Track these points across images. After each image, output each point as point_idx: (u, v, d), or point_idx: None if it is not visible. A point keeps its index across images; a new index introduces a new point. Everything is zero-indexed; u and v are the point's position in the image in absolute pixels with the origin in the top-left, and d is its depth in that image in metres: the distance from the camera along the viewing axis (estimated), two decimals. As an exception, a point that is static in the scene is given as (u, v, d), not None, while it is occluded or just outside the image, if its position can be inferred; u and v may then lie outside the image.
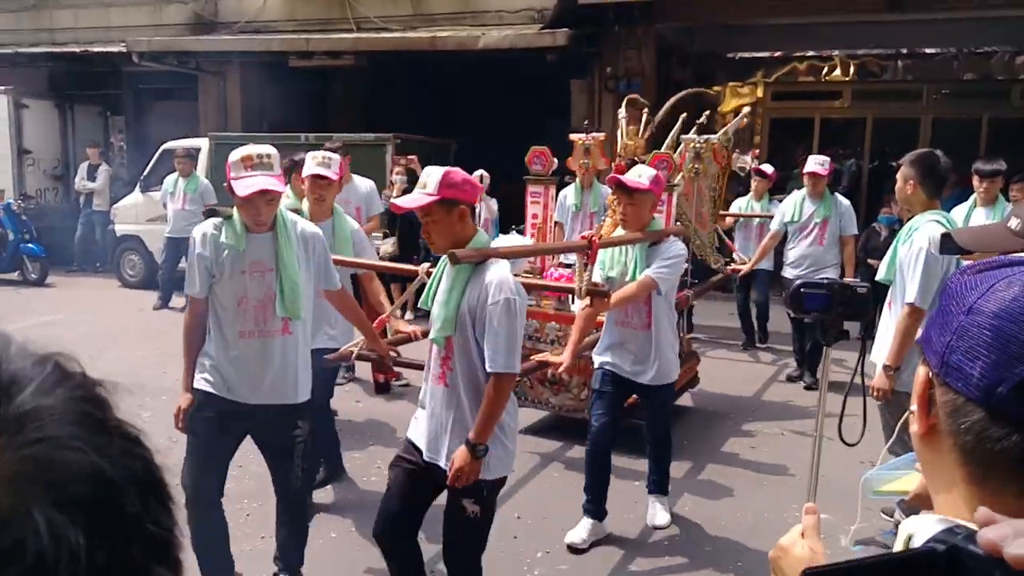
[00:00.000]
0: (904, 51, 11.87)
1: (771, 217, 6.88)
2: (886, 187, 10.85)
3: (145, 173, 10.34)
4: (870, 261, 7.71)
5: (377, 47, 10.54)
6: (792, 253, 6.44)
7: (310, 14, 11.48)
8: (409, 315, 7.58)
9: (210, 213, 3.02)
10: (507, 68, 10.36)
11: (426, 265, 3.52)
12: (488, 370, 2.53)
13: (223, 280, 2.94)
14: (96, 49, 11.87)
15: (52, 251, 10.87)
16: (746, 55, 12.09)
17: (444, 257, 2.66)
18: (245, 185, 2.79)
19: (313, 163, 4.12)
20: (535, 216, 5.69)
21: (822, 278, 2.33)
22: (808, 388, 6.42)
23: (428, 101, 10.68)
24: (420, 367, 3.96)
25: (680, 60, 10.55)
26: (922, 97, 11.98)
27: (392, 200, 2.89)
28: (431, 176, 2.55)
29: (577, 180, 6.44)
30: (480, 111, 11.10)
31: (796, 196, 6.51)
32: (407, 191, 7.30)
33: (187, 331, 3.08)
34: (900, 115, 12.15)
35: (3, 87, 11.68)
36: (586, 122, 5.80)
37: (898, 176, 3.76)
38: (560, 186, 6.25)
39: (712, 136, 5.49)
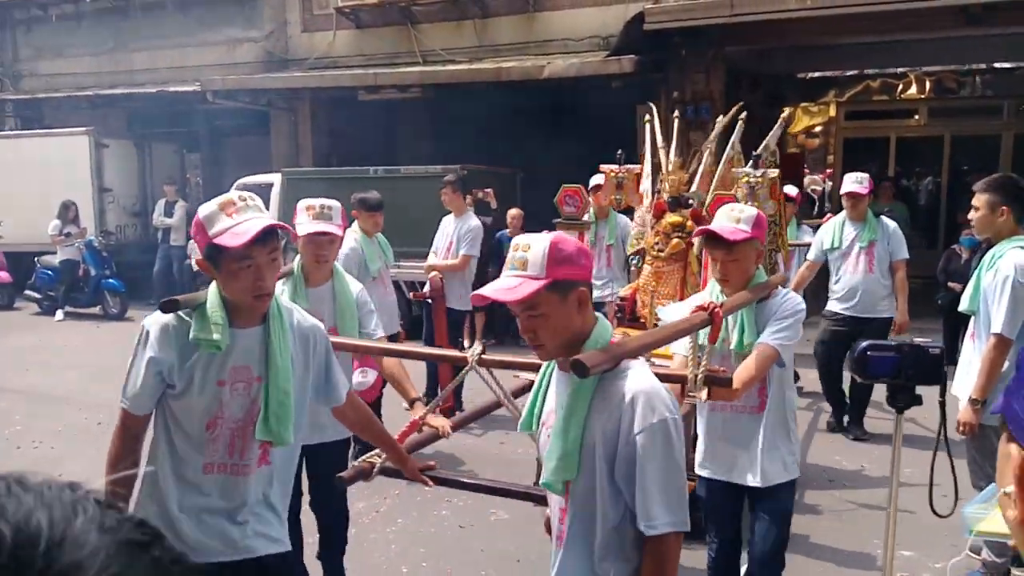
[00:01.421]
0: (982, 66, 11.47)
1: (801, 246, 6.14)
2: (962, 206, 10.48)
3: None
4: (951, 284, 7.41)
5: (443, 79, 10.65)
6: (839, 285, 5.63)
7: (377, 48, 11.69)
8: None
9: (171, 305, 2.12)
10: (574, 95, 10.33)
11: (476, 350, 2.73)
12: (645, 531, 1.71)
13: (188, 394, 2.07)
14: (172, 89, 12.28)
15: (131, 285, 11.22)
16: (817, 75, 11.83)
17: (549, 361, 1.91)
18: (238, 232, 1.96)
19: (308, 216, 3.26)
20: None
21: (891, 340, 2.02)
22: (857, 439, 5.73)
23: (494, 131, 10.73)
24: (466, 486, 3.39)
25: (750, 82, 10.35)
26: (1003, 113, 11.55)
27: (477, 292, 1.89)
28: (532, 250, 1.74)
29: (591, 210, 6.01)
30: (545, 139, 11.09)
31: (835, 220, 5.76)
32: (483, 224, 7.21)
33: (114, 458, 2.14)
34: (980, 132, 11.75)
35: (84, 128, 12.18)
36: (619, 152, 5.22)
37: (979, 204, 3.54)
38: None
39: (771, 171, 4.73)
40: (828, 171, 12.05)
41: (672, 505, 1.70)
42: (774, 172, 4.74)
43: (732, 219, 2.86)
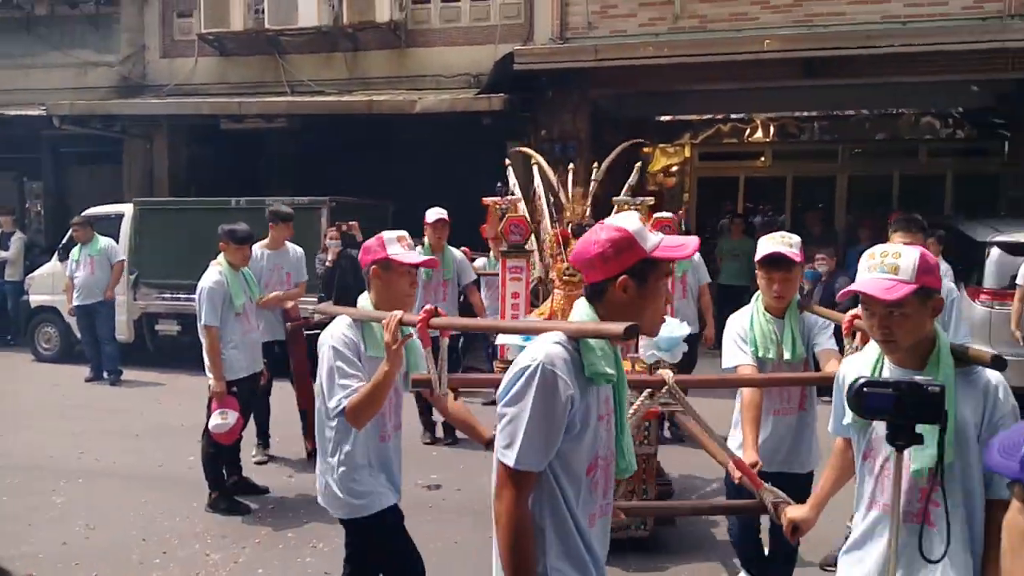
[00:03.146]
0: (820, 113, 12.55)
1: None
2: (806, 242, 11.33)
3: (64, 241, 9.86)
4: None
5: (312, 110, 10.47)
6: None
7: (242, 77, 11.36)
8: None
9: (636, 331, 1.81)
10: (444, 130, 10.43)
11: (669, 373, 2.63)
12: (998, 496, 2.02)
13: (584, 434, 1.79)
14: (13, 112, 11.39)
15: (-41, 324, 10.21)
16: (674, 118, 12.55)
17: (867, 355, 2.20)
18: (672, 245, 1.85)
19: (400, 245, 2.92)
20: (516, 295, 4.95)
21: (888, 378, 2.05)
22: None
23: (363, 163, 10.65)
24: (668, 509, 3.72)
25: (612, 124, 10.85)
26: (837, 156, 12.64)
27: (854, 286, 2.12)
28: (903, 258, 2.04)
29: (425, 241, 6.09)
30: (417, 173, 11.10)
31: None
32: (345, 256, 7.11)
33: (520, 536, 1.74)
34: (817, 173, 12.76)
35: (-92, 151, 11.08)
36: (499, 184, 5.35)
37: (916, 243, 3.98)
38: None
39: (648, 199, 5.20)
40: (683, 209, 12.74)
41: None
42: (651, 200, 5.18)
43: (785, 244, 3.17)
